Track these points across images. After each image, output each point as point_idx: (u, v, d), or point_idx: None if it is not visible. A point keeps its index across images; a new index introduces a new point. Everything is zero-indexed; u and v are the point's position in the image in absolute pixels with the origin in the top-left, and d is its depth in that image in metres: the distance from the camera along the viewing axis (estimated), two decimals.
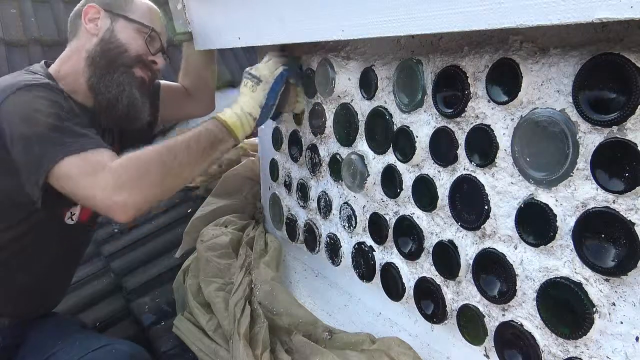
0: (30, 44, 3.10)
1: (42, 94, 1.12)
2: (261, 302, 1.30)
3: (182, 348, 1.37)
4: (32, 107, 1.09)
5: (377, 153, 1.08)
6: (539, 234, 0.76)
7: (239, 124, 1.19)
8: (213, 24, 1.35)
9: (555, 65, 0.71)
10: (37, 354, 1.23)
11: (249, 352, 1.13)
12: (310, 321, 1.25)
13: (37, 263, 1.23)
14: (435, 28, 0.72)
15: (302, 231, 1.42)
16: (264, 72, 1.24)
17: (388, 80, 1.02)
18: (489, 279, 0.86)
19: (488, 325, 0.89)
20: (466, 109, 0.84)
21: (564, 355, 0.76)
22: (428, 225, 0.99)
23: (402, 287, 1.07)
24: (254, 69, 1.26)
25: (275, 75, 1.24)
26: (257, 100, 1.22)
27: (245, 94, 1.23)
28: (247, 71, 1.27)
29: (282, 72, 1.25)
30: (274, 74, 1.24)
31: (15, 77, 1.17)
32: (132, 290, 1.71)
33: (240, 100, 1.23)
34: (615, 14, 0.51)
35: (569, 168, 0.70)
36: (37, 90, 1.13)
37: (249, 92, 1.23)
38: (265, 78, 1.23)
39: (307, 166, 1.34)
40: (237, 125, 1.19)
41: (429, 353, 1.04)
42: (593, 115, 0.65)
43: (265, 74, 1.24)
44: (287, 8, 1.03)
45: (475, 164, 0.85)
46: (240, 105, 1.21)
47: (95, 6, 1.30)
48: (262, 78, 1.23)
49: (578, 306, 0.72)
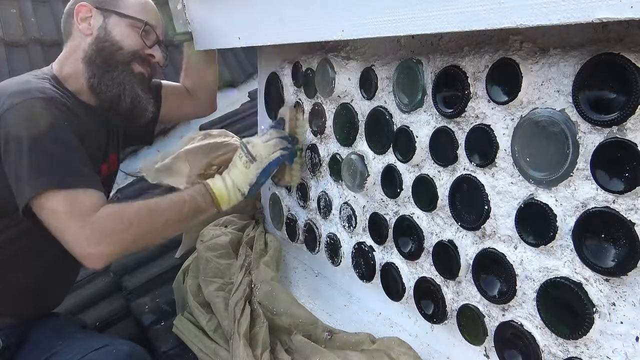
0: (30, 44, 3.10)
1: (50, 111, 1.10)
2: (261, 302, 1.30)
3: (182, 348, 1.36)
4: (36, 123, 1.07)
5: (377, 153, 1.08)
6: (539, 234, 0.76)
7: (226, 197, 1.22)
8: (213, 24, 1.35)
9: (555, 65, 0.71)
10: (38, 354, 1.22)
11: (249, 352, 1.12)
12: (310, 321, 1.25)
13: (36, 263, 1.23)
14: (435, 28, 0.72)
15: (302, 231, 1.42)
16: (260, 152, 1.25)
17: (388, 80, 1.02)
18: (489, 279, 0.86)
19: (488, 325, 0.89)
20: (466, 109, 0.84)
21: (564, 355, 0.76)
22: (428, 225, 0.99)
23: (402, 287, 1.07)
24: (250, 145, 1.26)
25: (271, 159, 1.26)
26: (248, 178, 1.24)
27: (238, 168, 1.25)
28: (245, 144, 1.27)
29: (278, 157, 1.26)
30: (270, 157, 1.26)
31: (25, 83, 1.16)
32: (132, 290, 1.71)
33: (232, 173, 1.25)
34: (615, 14, 0.51)
35: (569, 168, 0.70)
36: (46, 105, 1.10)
37: (242, 167, 1.25)
38: (261, 158, 1.25)
39: (307, 166, 1.34)
40: (224, 199, 1.22)
41: (429, 353, 1.04)
42: (593, 115, 0.65)
43: (262, 154, 1.25)
44: (287, 8, 1.03)
45: (475, 164, 0.85)
46: (232, 179, 1.24)
47: (86, 4, 1.27)
48: (258, 158, 1.25)
49: (578, 306, 0.72)
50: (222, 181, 1.23)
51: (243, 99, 3.27)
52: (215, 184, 1.23)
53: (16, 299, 1.25)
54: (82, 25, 1.26)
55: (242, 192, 1.24)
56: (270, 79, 1.45)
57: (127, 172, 2.78)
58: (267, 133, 1.30)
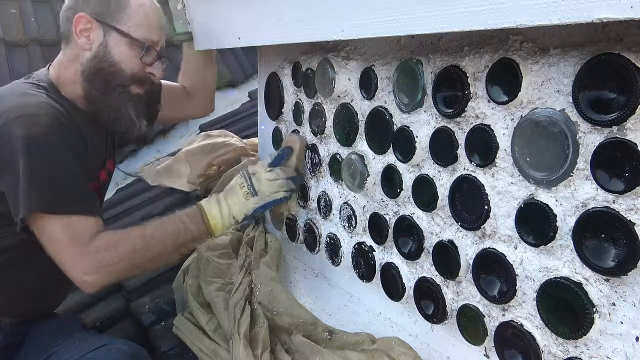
0: (30, 44, 3.10)
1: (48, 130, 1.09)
2: (261, 302, 1.30)
3: (182, 348, 1.36)
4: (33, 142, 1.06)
5: (377, 153, 1.08)
6: (539, 234, 0.76)
7: (220, 225, 1.22)
8: (213, 24, 1.35)
9: (555, 65, 0.71)
10: (38, 353, 1.22)
11: (249, 352, 1.12)
12: (310, 321, 1.25)
13: (37, 266, 1.23)
14: (435, 28, 0.72)
15: (302, 231, 1.42)
16: (263, 189, 1.24)
17: (388, 80, 1.02)
18: (489, 279, 0.86)
19: (488, 325, 0.89)
20: (466, 109, 0.84)
21: (564, 355, 0.76)
22: (428, 225, 0.99)
23: (402, 287, 1.07)
24: (255, 178, 1.25)
25: (272, 198, 1.25)
26: (245, 209, 1.24)
27: (238, 196, 1.24)
28: (250, 175, 1.26)
29: (281, 198, 1.26)
30: (271, 196, 1.25)
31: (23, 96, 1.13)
32: (132, 290, 1.71)
33: (230, 200, 1.23)
34: (615, 14, 0.51)
35: (569, 168, 0.70)
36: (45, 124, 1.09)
37: (242, 197, 1.23)
38: (262, 195, 1.24)
39: (307, 166, 1.34)
40: (218, 227, 1.22)
41: (429, 353, 1.04)
42: (593, 115, 0.65)
43: (265, 192, 1.24)
44: (286, 8, 1.03)
45: (475, 164, 0.85)
46: (229, 207, 1.23)
47: (86, 16, 1.19)
48: (259, 194, 1.24)
49: (578, 306, 0.72)
50: (217, 208, 1.22)
51: (243, 99, 3.27)
52: (211, 211, 1.22)
53: (16, 300, 1.25)
54: (81, 40, 1.21)
55: (236, 220, 1.24)
56: (270, 79, 1.45)
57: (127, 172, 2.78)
58: (273, 171, 1.27)
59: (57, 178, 1.09)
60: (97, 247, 1.09)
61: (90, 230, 1.10)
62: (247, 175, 1.26)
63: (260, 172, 1.27)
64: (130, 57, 1.23)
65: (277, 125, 1.47)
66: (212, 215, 1.21)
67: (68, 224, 1.07)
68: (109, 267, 1.10)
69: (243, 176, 1.26)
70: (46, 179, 1.07)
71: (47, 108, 1.12)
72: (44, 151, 1.07)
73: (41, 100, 1.14)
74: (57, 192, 1.08)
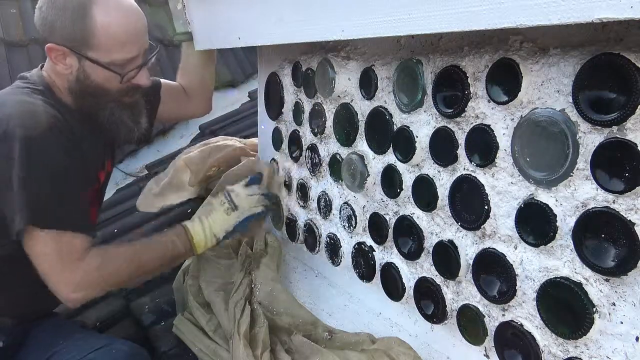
0: (30, 44, 3.09)
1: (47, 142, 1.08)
2: (261, 302, 1.30)
3: (182, 348, 1.36)
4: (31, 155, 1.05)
5: (377, 153, 1.08)
6: (539, 234, 0.76)
7: (202, 243, 1.28)
8: (213, 24, 1.35)
9: (555, 65, 0.71)
10: (38, 354, 1.22)
11: (249, 352, 1.13)
12: (310, 321, 1.25)
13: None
14: (435, 28, 0.72)
15: (302, 231, 1.42)
16: (243, 204, 1.32)
17: (388, 80, 1.02)
18: (489, 279, 0.86)
19: (488, 325, 0.89)
20: (466, 109, 0.85)
21: (564, 355, 0.76)
22: (428, 225, 0.99)
23: (402, 287, 1.07)
24: (234, 194, 1.33)
25: (252, 212, 1.33)
26: (226, 224, 1.30)
27: (219, 213, 1.31)
28: (229, 192, 1.34)
29: (259, 212, 1.34)
30: (251, 210, 1.33)
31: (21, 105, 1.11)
32: (132, 290, 1.70)
33: (211, 217, 1.30)
34: (615, 14, 0.51)
35: (569, 168, 0.70)
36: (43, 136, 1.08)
37: (223, 213, 1.31)
38: (242, 209, 1.32)
39: (307, 166, 1.34)
40: (200, 245, 1.28)
41: (429, 353, 1.04)
42: (593, 115, 0.65)
43: (244, 206, 1.32)
44: (286, 8, 1.03)
45: (475, 164, 0.85)
46: (210, 225, 1.29)
47: (55, 47, 1.13)
48: (239, 208, 1.32)
49: (578, 306, 0.72)
50: (200, 226, 1.28)
51: (243, 99, 3.27)
52: (195, 228, 1.27)
53: (17, 301, 1.25)
54: (58, 66, 1.17)
55: (217, 238, 1.30)
56: (270, 79, 1.45)
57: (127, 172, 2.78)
58: (250, 187, 1.37)
59: (51, 193, 1.09)
60: (88, 265, 1.11)
61: (81, 247, 1.11)
62: (227, 193, 1.34)
63: (239, 189, 1.35)
64: (110, 78, 1.18)
65: (277, 125, 1.47)
66: (196, 232, 1.27)
67: (59, 240, 1.08)
68: (97, 284, 1.13)
69: (223, 194, 1.34)
70: (41, 194, 1.07)
71: (45, 118, 1.11)
72: (41, 165, 1.07)
73: (39, 109, 1.12)
74: (50, 208, 1.08)
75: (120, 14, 1.15)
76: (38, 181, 1.07)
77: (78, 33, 1.12)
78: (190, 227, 1.27)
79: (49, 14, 1.12)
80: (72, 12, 1.11)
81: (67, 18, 1.11)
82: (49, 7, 1.12)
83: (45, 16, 1.13)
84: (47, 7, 1.13)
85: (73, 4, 1.11)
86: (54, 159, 1.10)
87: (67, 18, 1.11)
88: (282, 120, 1.44)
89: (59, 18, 1.11)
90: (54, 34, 1.13)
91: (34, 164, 1.06)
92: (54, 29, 1.13)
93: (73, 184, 1.14)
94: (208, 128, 2.84)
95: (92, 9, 1.11)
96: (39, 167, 1.07)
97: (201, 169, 1.90)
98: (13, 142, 1.05)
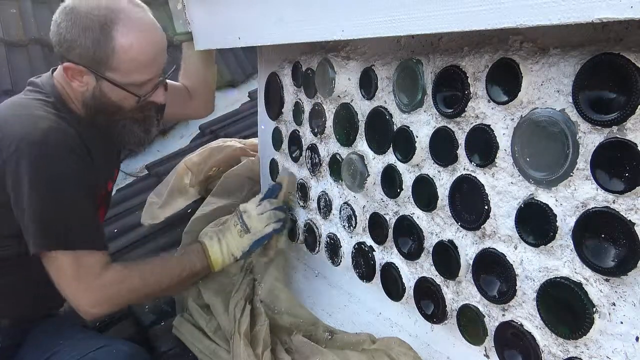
0: (30, 44, 3.10)
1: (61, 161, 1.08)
2: (263, 300, 1.30)
3: (182, 348, 1.36)
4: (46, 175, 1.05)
5: (377, 153, 1.08)
6: (539, 234, 0.76)
7: (220, 261, 1.29)
8: (213, 24, 1.35)
9: (555, 65, 0.71)
10: (38, 354, 1.22)
11: (250, 351, 1.13)
12: (311, 321, 1.25)
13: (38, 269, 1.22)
14: (435, 28, 0.72)
15: (302, 231, 1.42)
16: (255, 225, 1.31)
17: (388, 80, 1.02)
18: (489, 279, 0.86)
19: (488, 325, 0.89)
20: (466, 109, 0.84)
21: (564, 355, 0.76)
22: (428, 225, 0.99)
23: (402, 287, 1.07)
24: (246, 215, 1.32)
25: (263, 233, 1.32)
26: (242, 246, 1.31)
27: (233, 235, 1.31)
28: (240, 212, 1.33)
29: (271, 231, 1.33)
30: (262, 231, 1.32)
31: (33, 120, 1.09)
32: None
33: (227, 239, 1.30)
34: (615, 14, 0.51)
35: (569, 168, 0.70)
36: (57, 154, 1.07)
37: (237, 235, 1.31)
38: (255, 230, 1.31)
39: (307, 166, 1.34)
40: (218, 263, 1.29)
41: (429, 353, 1.04)
42: (593, 115, 0.65)
43: (256, 227, 1.31)
44: (287, 8, 1.03)
45: (475, 164, 0.85)
46: (227, 245, 1.29)
47: (72, 67, 1.12)
48: (252, 230, 1.31)
49: (578, 306, 0.72)
50: (218, 245, 1.29)
51: (243, 99, 3.27)
52: (212, 247, 1.28)
53: (17, 303, 1.25)
54: (74, 83, 1.16)
55: (235, 257, 1.31)
56: (270, 79, 1.45)
57: (127, 172, 2.78)
58: (262, 204, 1.35)
59: (66, 214, 1.09)
60: (105, 282, 1.11)
61: (98, 265, 1.11)
62: (239, 213, 1.34)
63: (251, 209, 1.34)
64: (127, 97, 1.18)
65: (277, 125, 1.47)
66: (214, 251, 1.28)
67: (76, 259, 1.09)
68: (115, 300, 1.14)
69: (236, 215, 1.34)
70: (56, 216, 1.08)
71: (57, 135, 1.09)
72: (54, 186, 1.07)
73: (52, 126, 1.10)
74: (66, 230, 1.08)
75: (142, 35, 1.13)
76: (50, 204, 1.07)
77: (98, 54, 1.11)
78: (208, 245, 1.28)
79: (69, 32, 1.10)
80: (94, 34, 1.09)
81: (87, 39, 1.09)
82: (68, 26, 1.10)
83: (64, 34, 1.11)
84: (67, 26, 1.10)
85: (95, 25, 1.09)
86: (67, 180, 1.09)
87: (87, 39, 1.09)
88: (282, 120, 1.44)
89: (79, 38, 1.09)
90: (72, 52, 1.12)
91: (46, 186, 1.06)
92: (72, 48, 1.11)
93: (85, 203, 1.14)
94: (208, 128, 2.84)
95: (114, 30, 1.09)
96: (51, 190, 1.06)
97: (202, 170, 1.90)
98: (25, 162, 1.04)
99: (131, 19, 1.12)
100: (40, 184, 1.05)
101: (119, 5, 1.12)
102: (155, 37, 1.17)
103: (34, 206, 1.05)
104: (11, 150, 1.05)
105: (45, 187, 1.06)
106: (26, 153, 1.04)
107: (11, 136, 1.06)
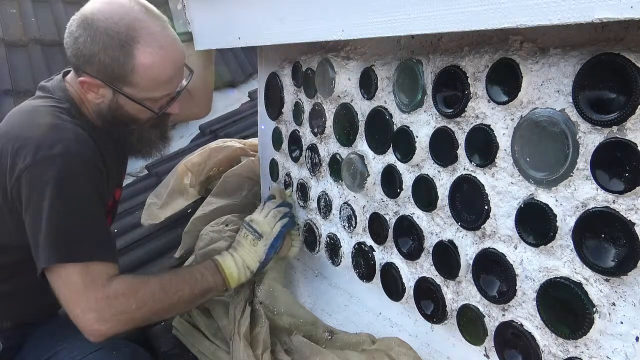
0: (30, 44, 3.10)
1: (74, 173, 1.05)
2: (262, 302, 1.30)
3: (182, 348, 1.36)
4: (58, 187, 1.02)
5: (377, 153, 1.08)
6: (539, 234, 0.76)
7: (236, 276, 1.22)
8: (213, 24, 1.35)
9: (555, 65, 0.71)
10: (39, 354, 1.22)
11: (249, 353, 1.13)
12: (311, 321, 1.25)
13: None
14: (435, 28, 0.72)
15: (302, 231, 1.42)
16: (265, 229, 1.28)
17: (388, 80, 1.02)
18: (489, 279, 0.86)
19: (488, 325, 0.89)
20: (466, 109, 0.84)
21: (564, 355, 0.76)
22: (428, 225, 0.99)
23: (402, 287, 1.07)
24: (254, 223, 1.29)
25: (275, 233, 1.29)
26: (257, 255, 1.26)
27: (246, 247, 1.27)
28: (248, 223, 1.31)
29: (281, 229, 1.31)
30: (274, 232, 1.29)
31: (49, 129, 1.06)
32: None
33: (241, 252, 1.26)
34: (615, 14, 0.51)
35: (569, 168, 0.70)
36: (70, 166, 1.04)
37: (250, 245, 1.27)
38: (267, 235, 1.28)
39: (307, 166, 1.34)
40: (234, 278, 1.22)
41: (429, 353, 1.04)
42: (593, 115, 0.65)
43: (266, 230, 1.28)
44: (287, 8, 1.03)
45: (475, 164, 0.85)
46: (242, 258, 1.24)
47: (89, 80, 1.11)
48: (264, 235, 1.28)
49: (578, 306, 0.72)
50: (232, 260, 1.23)
51: (243, 99, 3.27)
52: (226, 262, 1.22)
53: (17, 305, 1.25)
54: (90, 95, 1.15)
55: (251, 270, 1.25)
56: (270, 79, 1.45)
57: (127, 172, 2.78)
58: (264, 208, 1.35)
59: (79, 227, 1.05)
60: (116, 291, 1.04)
61: (107, 274, 1.05)
62: (246, 224, 1.31)
63: (256, 216, 1.32)
64: (144, 110, 1.18)
65: (277, 125, 1.47)
66: (228, 265, 1.22)
67: (85, 269, 1.03)
68: (125, 315, 1.04)
69: (244, 227, 1.31)
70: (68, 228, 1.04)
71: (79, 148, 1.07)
72: (70, 199, 1.04)
73: (69, 136, 1.07)
74: (77, 241, 1.04)
75: (163, 53, 1.11)
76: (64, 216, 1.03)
77: (117, 71, 1.09)
78: (221, 260, 1.22)
79: (87, 47, 1.08)
80: (114, 51, 1.07)
81: (107, 55, 1.07)
82: (87, 41, 1.07)
83: (82, 48, 1.08)
84: (86, 40, 1.07)
85: (115, 42, 1.06)
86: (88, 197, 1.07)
87: (107, 55, 1.07)
88: (282, 120, 1.44)
89: (99, 53, 1.07)
90: (89, 66, 1.10)
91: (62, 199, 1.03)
92: (90, 63, 1.09)
93: (100, 216, 1.12)
94: (208, 128, 2.84)
95: (135, 49, 1.07)
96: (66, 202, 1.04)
97: (202, 171, 1.90)
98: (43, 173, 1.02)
99: (152, 35, 1.10)
100: (60, 200, 1.02)
101: (140, 22, 1.09)
102: (175, 54, 1.16)
103: (48, 218, 1.01)
104: (28, 162, 1.02)
105: (67, 204, 1.03)
106: (46, 163, 1.02)
107: (30, 147, 1.03)
